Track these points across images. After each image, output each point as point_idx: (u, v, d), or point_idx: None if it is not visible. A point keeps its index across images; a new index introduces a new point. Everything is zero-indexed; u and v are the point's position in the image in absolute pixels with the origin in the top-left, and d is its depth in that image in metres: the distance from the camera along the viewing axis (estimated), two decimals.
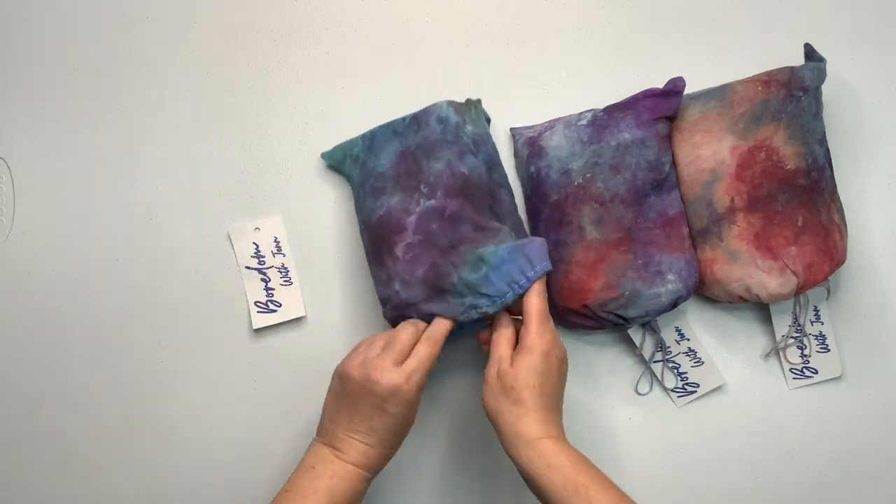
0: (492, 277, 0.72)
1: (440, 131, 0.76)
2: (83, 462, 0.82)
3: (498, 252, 0.72)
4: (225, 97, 0.84)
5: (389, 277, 0.75)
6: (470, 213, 0.74)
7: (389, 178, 0.76)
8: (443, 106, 0.77)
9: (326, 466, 0.68)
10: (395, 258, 0.74)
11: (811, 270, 0.75)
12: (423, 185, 0.75)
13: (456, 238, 0.73)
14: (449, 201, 0.74)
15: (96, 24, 0.85)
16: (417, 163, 0.75)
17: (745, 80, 0.78)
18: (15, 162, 0.84)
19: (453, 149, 0.75)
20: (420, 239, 0.73)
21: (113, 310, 0.83)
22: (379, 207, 0.76)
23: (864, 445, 0.82)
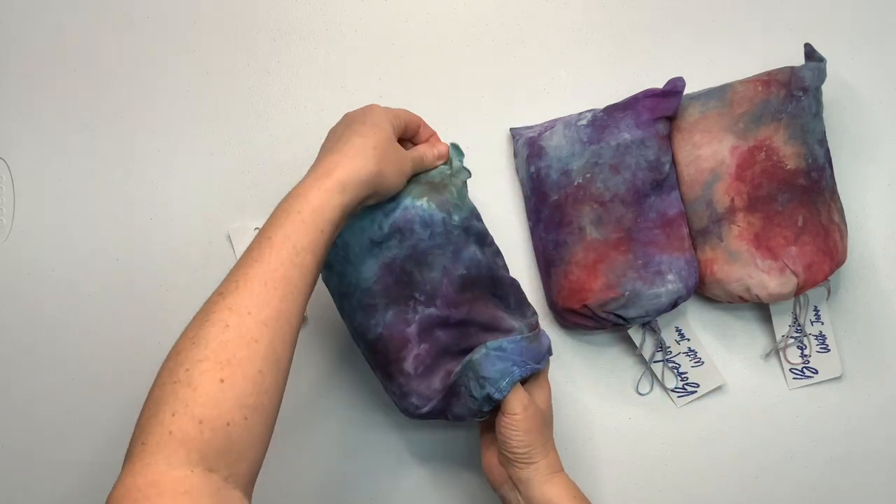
0: (492, 357, 0.67)
1: (428, 237, 0.69)
2: (83, 462, 0.82)
3: (502, 344, 0.68)
4: (225, 97, 0.84)
5: (404, 393, 0.71)
6: (477, 315, 0.71)
7: (378, 292, 0.69)
8: (422, 206, 0.68)
9: (288, 204, 0.61)
10: (406, 374, 0.70)
11: (811, 270, 0.75)
12: (419, 293, 0.70)
13: (467, 344, 0.70)
14: (452, 310, 0.70)
15: (96, 24, 0.85)
16: (408, 274, 0.69)
17: (745, 80, 0.78)
18: (15, 162, 0.84)
19: (447, 252, 0.69)
20: (427, 348, 0.70)
21: (113, 310, 0.83)
22: (375, 326, 0.70)
23: (864, 445, 0.82)
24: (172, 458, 0.51)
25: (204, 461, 0.51)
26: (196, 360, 0.53)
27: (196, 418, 0.51)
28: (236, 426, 0.53)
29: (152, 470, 0.50)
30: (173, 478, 0.50)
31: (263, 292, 0.56)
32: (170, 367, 0.54)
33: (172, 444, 0.51)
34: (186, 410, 0.52)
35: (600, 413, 0.82)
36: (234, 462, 0.53)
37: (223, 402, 0.52)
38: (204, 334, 0.54)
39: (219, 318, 0.55)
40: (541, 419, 0.69)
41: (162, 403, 0.52)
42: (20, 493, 0.82)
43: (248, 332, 0.55)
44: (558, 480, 0.68)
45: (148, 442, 0.51)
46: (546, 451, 0.68)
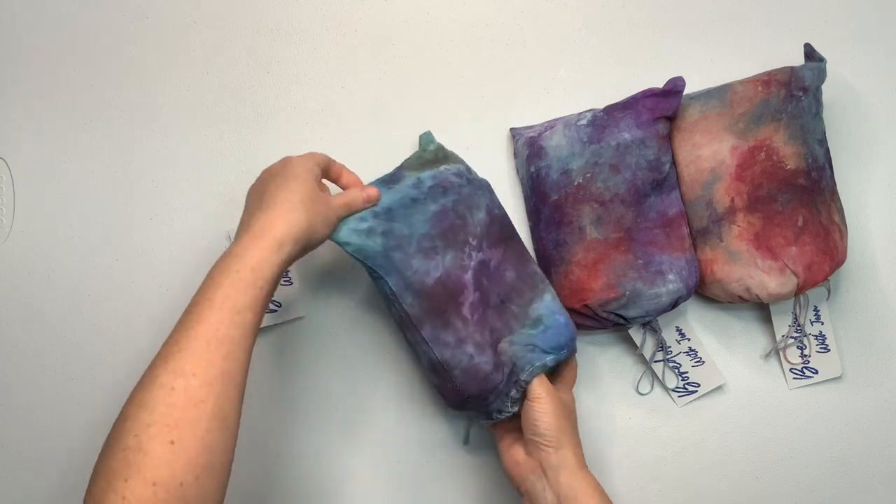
0: (549, 334, 0.73)
1: (466, 183, 0.75)
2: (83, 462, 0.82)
3: (552, 307, 0.75)
4: (225, 97, 0.84)
5: (460, 340, 0.71)
6: (510, 258, 0.76)
7: (437, 235, 0.72)
8: (446, 167, 0.75)
9: (225, 263, 0.62)
10: (464, 319, 0.71)
11: (811, 270, 0.75)
12: (472, 238, 0.73)
13: (503, 290, 0.75)
14: (492, 252, 0.75)
15: (96, 23, 0.85)
16: (462, 217, 0.73)
17: (745, 79, 0.78)
18: (15, 162, 0.84)
19: (484, 192, 0.76)
20: (479, 296, 0.72)
21: (113, 310, 0.83)
22: (435, 269, 0.72)
23: (864, 445, 0.82)
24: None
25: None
26: (145, 425, 0.54)
27: (149, 481, 0.52)
28: (189, 486, 0.53)
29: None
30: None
31: (206, 353, 0.57)
32: (117, 435, 0.54)
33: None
34: (139, 475, 0.52)
35: (601, 413, 0.82)
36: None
37: (175, 464, 0.53)
38: (150, 398, 0.55)
39: (164, 382, 0.55)
40: (567, 410, 0.72)
41: (113, 472, 0.52)
42: (20, 493, 0.82)
43: (194, 394, 0.55)
44: (586, 475, 0.69)
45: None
46: (574, 442, 0.70)
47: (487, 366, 0.71)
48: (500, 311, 0.74)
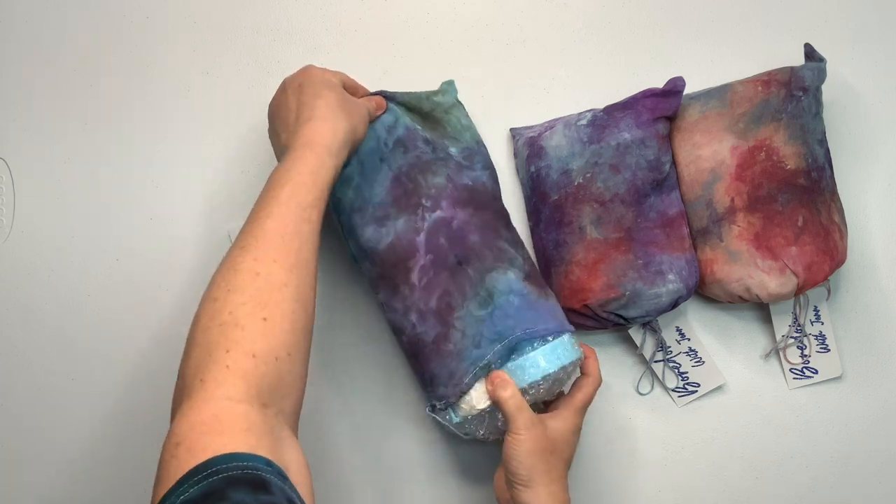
0: (496, 317, 0.70)
1: (431, 151, 0.75)
2: (83, 462, 0.82)
3: (511, 286, 0.71)
4: (225, 97, 0.84)
5: (406, 308, 0.72)
6: (478, 223, 0.73)
7: (389, 203, 0.73)
8: (422, 129, 0.75)
9: (285, 167, 0.64)
10: (411, 286, 0.71)
11: (811, 270, 0.75)
12: (426, 199, 0.73)
13: (463, 251, 0.71)
14: (456, 211, 0.73)
15: (96, 24, 0.85)
16: (414, 181, 0.73)
17: (745, 79, 0.78)
18: (15, 162, 0.84)
19: (450, 165, 0.75)
20: (432, 259, 0.71)
21: (113, 310, 0.83)
22: (386, 235, 0.72)
23: (864, 445, 0.82)
24: (232, 391, 0.52)
25: (259, 396, 0.53)
26: (238, 304, 0.55)
27: (249, 353, 0.53)
28: (283, 361, 0.55)
29: (214, 405, 0.52)
30: (236, 413, 0.51)
31: (282, 244, 0.59)
32: (210, 313, 0.56)
33: (231, 377, 0.52)
34: (239, 347, 0.54)
35: (600, 413, 0.82)
36: (283, 398, 0.55)
37: (270, 339, 0.55)
38: (238, 282, 0.57)
39: (248, 267, 0.57)
40: (546, 445, 0.67)
41: (213, 343, 0.54)
42: (19, 493, 0.82)
43: (276, 279, 0.57)
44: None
45: (206, 378, 0.53)
46: (549, 480, 0.67)
47: (429, 335, 0.71)
48: (455, 273, 0.71)
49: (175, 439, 0.50)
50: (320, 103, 0.66)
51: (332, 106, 0.66)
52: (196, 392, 0.52)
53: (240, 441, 0.50)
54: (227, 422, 0.51)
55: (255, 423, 0.51)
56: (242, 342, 0.54)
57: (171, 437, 0.51)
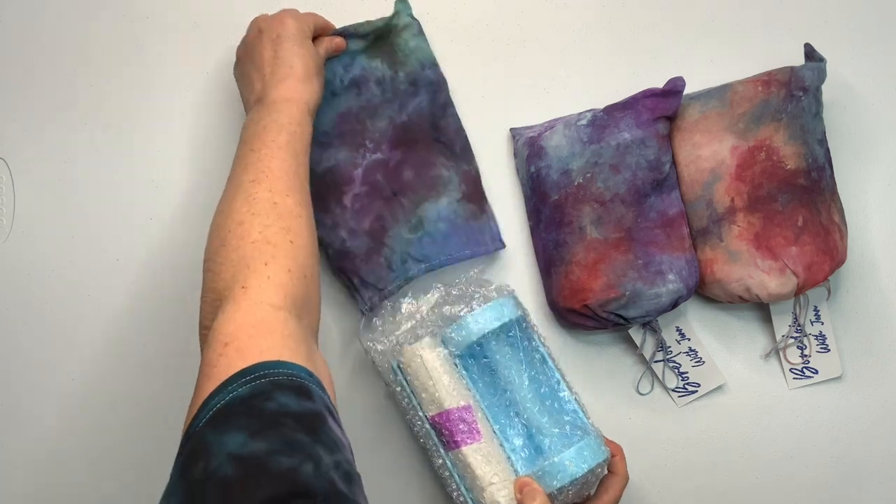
0: (424, 242, 0.77)
1: (381, 93, 0.80)
2: (83, 462, 0.82)
3: (440, 213, 0.77)
4: (225, 97, 0.84)
5: (335, 224, 0.78)
6: (413, 160, 0.79)
7: (334, 135, 0.79)
8: (377, 66, 0.80)
9: (273, 117, 0.67)
10: (343, 206, 0.78)
11: (811, 270, 0.75)
12: (369, 141, 0.79)
13: (398, 186, 0.78)
14: (393, 153, 0.79)
15: (96, 24, 0.85)
16: (361, 123, 0.79)
17: (745, 79, 0.78)
18: (15, 162, 0.84)
19: (394, 104, 0.80)
20: (367, 190, 0.78)
21: (113, 310, 0.83)
22: (326, 160, 0.78)
23: (864, 445, 0.82)
24: (274, 299, 0.56)
25: (295, 307, 0.56)
26: (264, 226, 0.59)
27: (285, 267, 0.58)
28: (309, 280, 0.60)
29: (260, 309, 0.55)
30: (279, 319, 0.55)
31: (290, 181, 0.63)
32: (239, 234, 0.59)
33: (272, 287, 0.56)
34: (275, 261, 0.58)
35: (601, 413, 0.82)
36: (309, 313, 0.59)
37: (298, 258, 0.59)
38: (259, 208, 0.60)
39: (265, 197, 0.61)
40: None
41: (249, 258, 0.58)
42: (20, 493, 0.82)
43: (291, 210, 0.61)
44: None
45: (249, 285, 0.56)
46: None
47: (359, 250, 0.77)
48: (391, 202, 0.78)
49: (223, 339, 0.53)
50: (298, 63, 0.70)
51: (309, 66, 0.70)
52: (241, 297, 0.55)
53: (282, 346, 0.52)
54: (272, 326, 0.54)
55: (294, 331, 0.54)
56: (278, 257, 0.58)
57: (217, 336, 0.53)
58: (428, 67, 0.81)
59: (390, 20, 0.81)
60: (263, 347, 0.52)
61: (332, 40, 0.78)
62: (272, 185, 0.62)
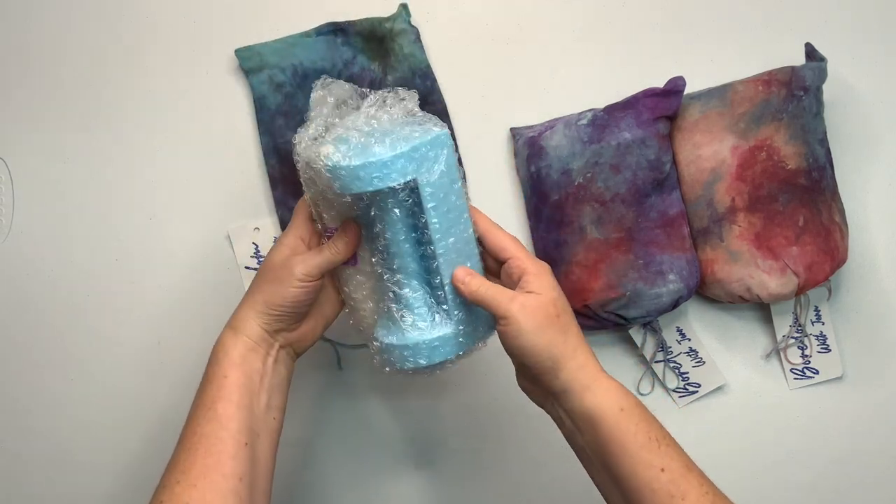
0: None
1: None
2: (82, 462, 0.82)
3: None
4: (225, 97, 0.84)
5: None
6: None
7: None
8: (374, 69, 0.79)
9: (227, 351, 0.64)
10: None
11: (812, 270, 0.75)
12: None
13: None
14: None
15: (96, 24, 0.85)
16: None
17: (745, 79, 0.78)
18: (15, 162, 0.84)
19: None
20: None
21: (113, 310, 0.83)
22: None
23: (864, 446, 0.82)
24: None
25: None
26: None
27: None
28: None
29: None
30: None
31: (186, 457, 0.61)
32: None
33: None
34: None
35: None
36: None
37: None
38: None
39: (156, 501, 0.60)
40: (547, 310, 0.59)
41: None
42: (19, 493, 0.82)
43: (178, 500, 0.59)
44: (599, 388, 0.58)
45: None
46: (572, 350, 0.58)
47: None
48: None
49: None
50: (251, 283, 0.67)
51: (255, 283, 0.66)
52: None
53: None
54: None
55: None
56: None
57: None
58: (419, 76, 0.81)
59: (390, 21, 0.81)
60: None
61: (336, 242, 0.65)
62: (167, 474, 0.62)
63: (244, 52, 0.82)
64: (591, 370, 0.59)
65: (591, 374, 0.59)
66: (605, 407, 0.57)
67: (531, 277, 0.60)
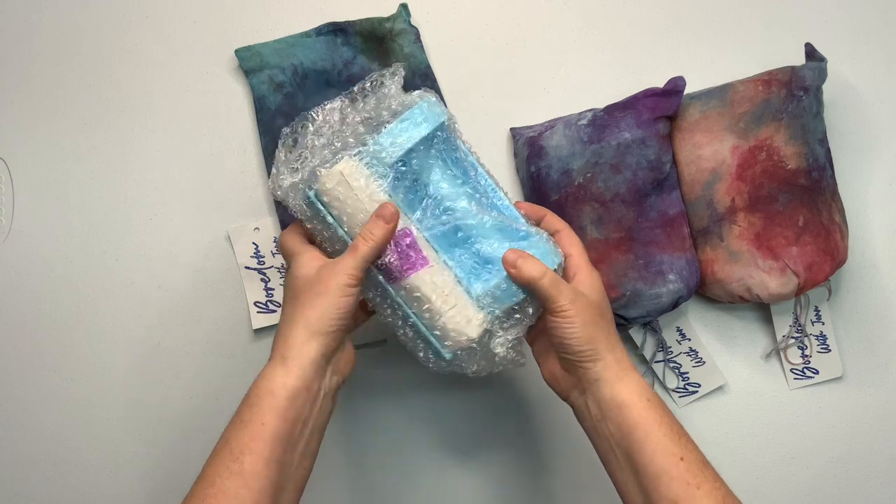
0: None
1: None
2: (82, 462, 0.82)
3: None
4: (224, 97, 0.84)
5: None
6: None
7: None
8: (374, 68, 0.79)
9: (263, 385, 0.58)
10: None
11: (812, 270, 0.75)
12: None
13: None
14: None
15: (96, 24, 0.85)
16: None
17: (745, 79, 0.78)
18: (15, 162, 0.84)
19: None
20: None
21: (112, 310, 0.83)
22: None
23: (864, 446, 0.82)
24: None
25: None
26: None
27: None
28: None
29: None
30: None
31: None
32: None
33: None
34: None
35: None
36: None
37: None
38: None
39: None
40: (595, 310, 0.63)
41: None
42: (19, 493, 0.82)
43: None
44: (630, 379, 0.62)
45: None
46: (611, 346, 0.63)
47: None
48: None
49: None
50: (285, 309, 0.61)
51: (291, 304, 0.60)
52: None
53: None
54: None
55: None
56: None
57: None
58: (419, 76, 0.81)
59: (390, 21, 0.81)
60: None
61: (367, 236, 0.61)
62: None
63: (244, 52, 0.82)
64: (625, 364, 0.63)
65: (625, 367, 0.63)
66: (635, 397, 0.61)
67: (585, 278, 0.65)
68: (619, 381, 0.62)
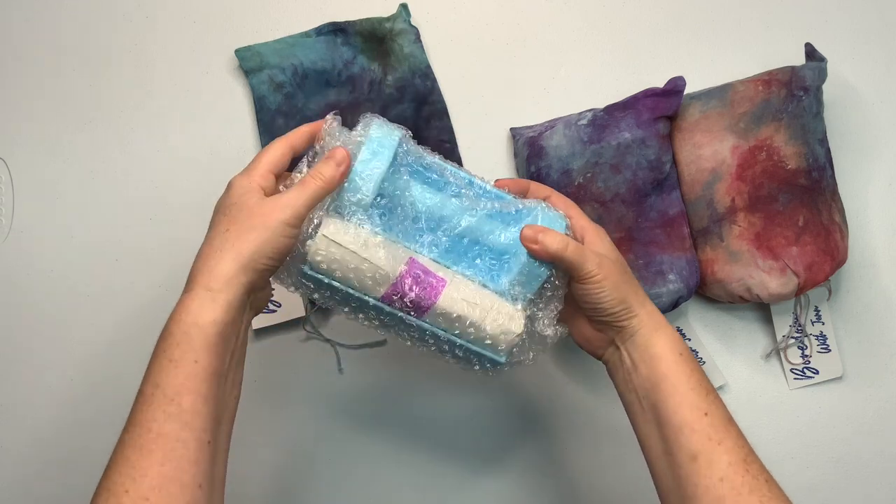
0: None
1: (367, 92, 0.79)
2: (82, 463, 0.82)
3: None
4: (224, 97, 0.84)
5: None
6: None
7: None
8: (374, 69, 0.80)
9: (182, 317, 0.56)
10: None
11: (812, 270, 0.75)
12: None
13: None
14: None
15: (96, 23, 0.85)
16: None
17: (745, 79, 0.78)
18: (15, 162, 0.84)
19: (376, 106, 0.79)
20: None
21: (112, 310, 0.83)
22: None
23: (864, 446, 0.82)
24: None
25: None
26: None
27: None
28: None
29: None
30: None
31: (139, 459, 0.53)
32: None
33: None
34: None
35: (601, 413, 0.82)
36: None
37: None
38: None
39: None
40: (619, 268, 0.63)
41: None
42: (19, 494, 0.82)
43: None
44: (664, 332, 0.62)
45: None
46: (641, 300, 0.63)
47: None
48: None
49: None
50: (213, 234, 0.59)
51: (225, 234, 0.58)
52: None
53: None
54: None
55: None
56: None
57: None
58: (419, 76, 0.81)
59: (390, 21, 0.81)
60: None
61: (325, 163, 0.59)
62: (113, 478, 0.55)
63: (244, 52, 0.82)
64: (658, 317, 0.63)
65: (659, 319, 0.63)
66: (668, 349, 0.62)
67: (595, 238, 0.64)
68: (655, 332, 0.62)
